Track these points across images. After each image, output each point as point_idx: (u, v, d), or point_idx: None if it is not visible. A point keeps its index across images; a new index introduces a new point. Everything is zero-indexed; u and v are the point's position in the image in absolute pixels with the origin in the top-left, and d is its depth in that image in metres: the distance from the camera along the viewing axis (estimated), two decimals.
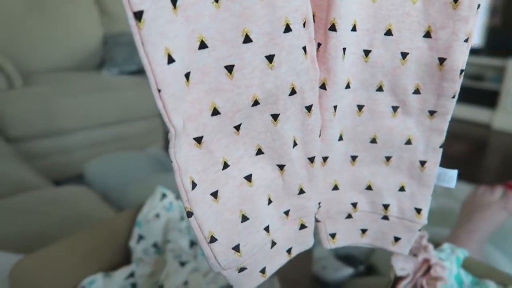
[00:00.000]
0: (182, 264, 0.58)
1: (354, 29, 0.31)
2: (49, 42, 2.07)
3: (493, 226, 0.68)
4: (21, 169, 1.16)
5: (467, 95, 2.97)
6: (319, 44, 0.31)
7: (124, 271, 0.59)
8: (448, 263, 0.45)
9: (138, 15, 0.19)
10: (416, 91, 0.33)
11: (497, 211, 0.69)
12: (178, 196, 0.71)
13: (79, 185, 1.03)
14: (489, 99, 2.95)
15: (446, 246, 0.49)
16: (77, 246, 0.58)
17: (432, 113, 0.34)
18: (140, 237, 0.63)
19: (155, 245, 0.63)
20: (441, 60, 0.31)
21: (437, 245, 0.50)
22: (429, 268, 0.43)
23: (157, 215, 0.66)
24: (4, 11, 1.92)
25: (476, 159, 2.34)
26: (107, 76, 2.13)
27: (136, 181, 1.06)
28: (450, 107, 0.33)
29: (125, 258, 0.63)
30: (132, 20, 0.20)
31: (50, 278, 0.54)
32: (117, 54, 2.19)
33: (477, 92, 3.01)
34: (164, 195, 0.69)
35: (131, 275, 0.59)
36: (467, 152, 2.44)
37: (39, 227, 0.77)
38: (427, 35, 0.31)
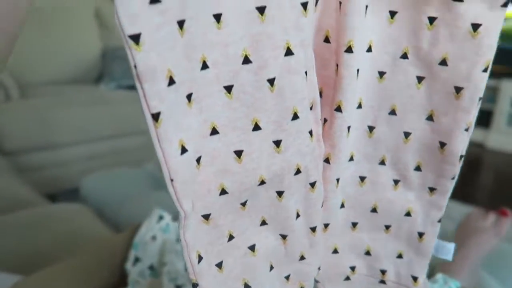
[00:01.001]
0: (178, 287, 0.58)
1: (359, 106, 0.32)
2: (47, 54, 2.07)
3: (486, 252, 0.69)
4: (16, 183, 1.16)
5: None
6: (325, 119, 0.31)
7: None
8: None
9: (156, 116, 0.20)
10: (417, 168, 0.34)
11: (489, 237, 0.70)
12: (175, 218, 0.71)
13: (75, 199, 1.03)
14: (483, 119, 2.98)
15: (439, 276, 0.50)
16: (74, 268, 0.58)
17: (432, 189, 0.34)
18: (136, 259, 0.63)
19: (151, 268, 0.63)
20: (442, 144, 0.32)
21: (431, 274, 0.50)
22: None
23: (154, 237, 0.66)
24: None
25: (470, 178, 2.36)
26: (104, 90, 2.14)
27: (132, 199, 1.06)
28: (450, 187, 0.34)
29: (122, 280, 0.63)
30: (150, 121, 0.21)
31: None
32: (115, 68, 2.20)
33: None
34: (161, 217, 0.69)
35: None
36: (462, 171, 2.45)
37: (34, 245, 0.76)
38: (430, 118, 0.31)
